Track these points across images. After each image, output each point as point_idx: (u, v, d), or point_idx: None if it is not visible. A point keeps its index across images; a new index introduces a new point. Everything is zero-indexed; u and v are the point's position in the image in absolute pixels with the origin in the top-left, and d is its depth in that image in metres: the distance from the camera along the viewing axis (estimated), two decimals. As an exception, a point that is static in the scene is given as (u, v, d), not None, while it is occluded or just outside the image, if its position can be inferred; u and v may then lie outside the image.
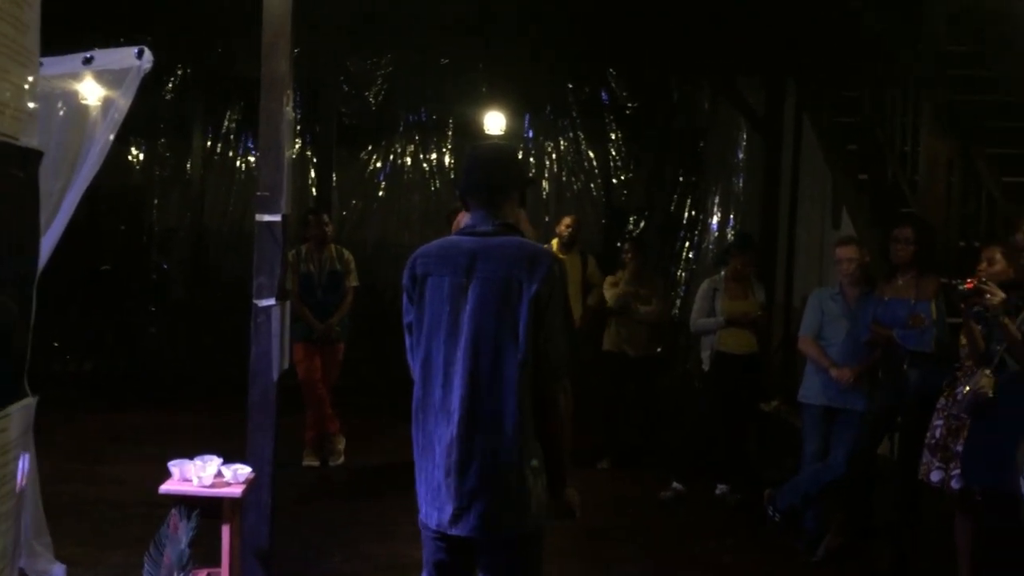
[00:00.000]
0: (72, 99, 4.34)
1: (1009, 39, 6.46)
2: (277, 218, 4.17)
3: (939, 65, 6.01)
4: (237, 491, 3.82)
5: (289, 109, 4.29)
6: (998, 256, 4.41)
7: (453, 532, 2.75)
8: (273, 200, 4.18)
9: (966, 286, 4.00)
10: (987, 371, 4.02)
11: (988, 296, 3.93)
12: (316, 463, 6.94)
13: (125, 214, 10.13)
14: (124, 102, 4.28)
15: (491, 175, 2.88)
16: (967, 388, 4.08)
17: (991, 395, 3.97)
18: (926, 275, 4.89)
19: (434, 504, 2.77)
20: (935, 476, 4.39)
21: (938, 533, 4.79)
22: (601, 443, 7.33)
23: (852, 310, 5.29)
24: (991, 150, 5.86)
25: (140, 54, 4.22)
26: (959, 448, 4.25)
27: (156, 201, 10.22)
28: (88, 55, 4.27)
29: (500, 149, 3.13)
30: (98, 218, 9.96)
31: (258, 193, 4.21)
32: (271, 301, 4.14)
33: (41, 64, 3.54)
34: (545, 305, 2.72)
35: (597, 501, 6.38)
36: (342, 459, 6.96)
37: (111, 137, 4.29)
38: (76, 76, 4.30)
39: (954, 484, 4.27)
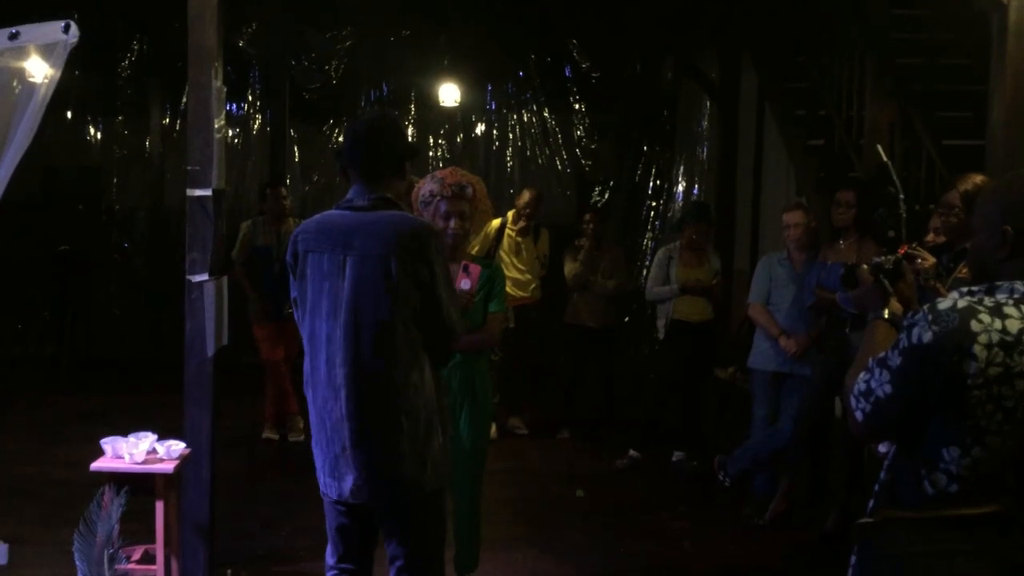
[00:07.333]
0: (-1, 75, 4.29)
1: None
2: (208, 192, 4.12)
3: (883, 28, 5.98)
4: (169, 467, 3.81)
5: (219, 83, 4.23)
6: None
7: (354, 501, 2.77)
8: (203, 174, 4.13)
9: (898, 252, 4.01)
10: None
11: (919, 261, 3.93)
12: (276, 436, 6.97)
13: (83, 193, 10.00)
14: (52, 76, 4.22)
15: (368, 148, 2.85)
16: None
17: None
18: (867, 239, 4.90)
19: (333, 475, 2.80)
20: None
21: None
22: (561, 414, 7.35)
23: (799, 275, 5.31)
24: (940, 113, 5.84)
25: (67, 28, 4.15)
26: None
27: (115, 180, 10.10)
28: (14, 30, 4.20)
29: (379, 120, 3.08)
30: (56, 198, 9.85)
31: (188, 167, 4.16)
32: (204, 276, 4.11)
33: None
34: (429, 280, 2.72)
35: (554, 471, 6.43)
36: (302, 436, 6.93)
37: (41, 112, 4.23)
38: (1, 52, 4.24)
39: (881, 448, 4.28)
